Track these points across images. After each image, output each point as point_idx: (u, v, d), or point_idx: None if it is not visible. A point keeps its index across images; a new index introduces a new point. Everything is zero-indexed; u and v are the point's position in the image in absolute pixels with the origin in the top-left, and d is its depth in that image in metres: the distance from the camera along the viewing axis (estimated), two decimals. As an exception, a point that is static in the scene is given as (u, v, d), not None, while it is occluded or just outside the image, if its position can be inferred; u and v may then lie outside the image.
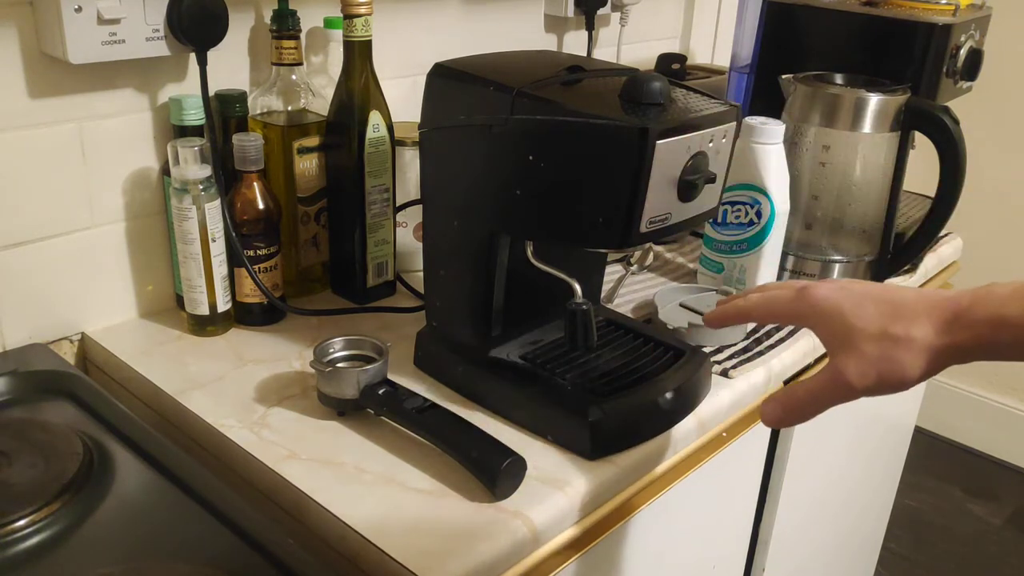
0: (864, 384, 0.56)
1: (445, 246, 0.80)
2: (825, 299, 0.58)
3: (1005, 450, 2.33)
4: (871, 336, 0.55)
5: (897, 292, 0.57)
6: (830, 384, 0.58)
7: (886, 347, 0.55)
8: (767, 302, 0.62)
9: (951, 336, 0.54)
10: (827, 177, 1.02)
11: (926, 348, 0.54)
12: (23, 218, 0.83)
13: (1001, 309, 0.52)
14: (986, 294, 0.54)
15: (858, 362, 0.56)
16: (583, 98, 0.70)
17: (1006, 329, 0.52)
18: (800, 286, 0.60)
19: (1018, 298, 0.52)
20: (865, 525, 1.47)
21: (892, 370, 0.55)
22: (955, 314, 0.54)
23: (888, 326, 0.55)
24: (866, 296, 0.57)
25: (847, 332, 0.56)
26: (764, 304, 0.62)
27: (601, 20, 1.37)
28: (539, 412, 0.76)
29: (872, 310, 0.56)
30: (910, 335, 0.54)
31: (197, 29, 0.83)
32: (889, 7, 1.10)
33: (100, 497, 0.66)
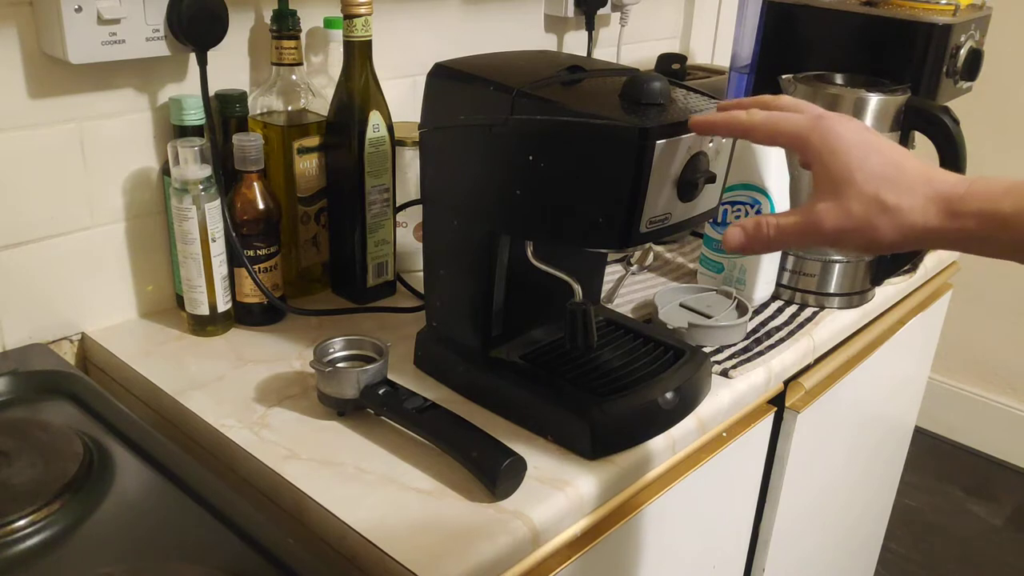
0: (836, 238, 0.55)
1: (445, 246, 0.80)
2: (839, 137, 0.55)
3: (1005, 450, 2.33)
4: (864, 195, 0.54)
5: (905, 159, 0.55)
6: (803, 226, 0.56)
7: (872, 210, 0.54)
8: (774, 122, 0.58)
9: (938, 220, 0.53)
10: (827, 177, 1.02)
11: (909, 225, 0.54)
12: (23, 218, 0.83)
13: (994, 204, 0.52)
14: (983, 187, 0.53)
15: (840, 215, 0.55)
16: (583, 98, 0.70)
17: (995, 224, 0.52)
18: (817, 113, 0.57)
19: (1013, 195, 0.52)
20: (865, 525, 1.47)
21: (867, 234, 0.54)
22: (949, 201, 0.53)
23: (883, 191, 0.54)
24: (878, 150, 0.55)
25: (844, 180, 0.55)
26: (770, 124, 0.58)
27: (601, 20, 1.37)
28: (539, 412, 0.76)
29: (877, 167, 0.54)
30: (899, 207, 0.54)
31: (197, 29, 0.83)
32: (889, 7, 1.10)
33: (100, 497, 0.66)
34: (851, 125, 0.56)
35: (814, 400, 0.99)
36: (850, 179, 0.54)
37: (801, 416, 0.98)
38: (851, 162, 0.55)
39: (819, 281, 1.02)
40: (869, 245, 0.55)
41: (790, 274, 1.03)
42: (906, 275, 1.14)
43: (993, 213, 0.52)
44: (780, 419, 0.98)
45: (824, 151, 0.56)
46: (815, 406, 0.99)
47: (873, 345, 1.12)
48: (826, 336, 0.99)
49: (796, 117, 0.58)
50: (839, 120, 0.57)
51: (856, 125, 0.57)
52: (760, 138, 0.60)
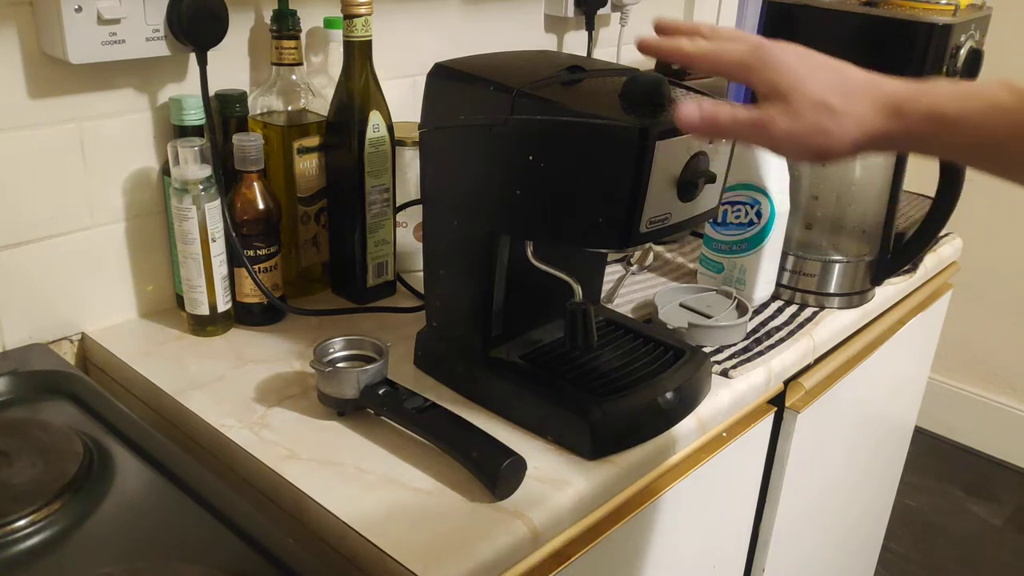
0: (787, 144, 0.56)
1: (445, 246, 0.80)
2: (780, 56, 0.57)
3: (1005, 450, 2.33)
4: (812, 101, 0.55)
5: (849, 70, 0.57)
6: (755, 126, 0.57)
7: (822, 115, 0.55)
8: (715, 53, 0.59)
9: (885, 122, 0.55)
10: (827, 177, 1.02)
11: (856, 127, 0.55)
12: (23, 218, 0.83)
13: (939, 105, 0.53)
14: (929, 89, 0.54)
15: (791, 120, 0.55)
16: (583, 98, 0.70)
17: (940, 125, 0.53)
18: (757, 42, 0.58)
19: (958, 97, 0.53)
20: (865, 525, 1.47)
21: (818, 139, 0.55)
22: (896, 102, 0.54)
23: (830, 96, 0.55)
24: (822, 66, 0.57)
25: (792, 88, 0.55)
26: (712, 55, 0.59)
27: (601, 20, 1.37)
28: (539, 412, 0.76)
29: (823, 78, 0.56)
30: (848, 111, 0.55)
31: (197, 29, 0.83)
32: (889, 7, 1.10)
33: (100, 497, 0.66)
34: (792, 48, 0.58)
35: (814, 400, 0.99)
36: (798, 90, 0.55)
37: (801, 416, 0.98)
38: (797, 76, 0.56)
39: (819, 281, 1.02)
40: (820, 151, 0.56)
41: (790, 274, 1.03)
42: (906, 275, 1.14)
43: (939, 114, 0.53)
44: (780, 419, 0.98)
45: (769, 72, 0.57)
46: (815, 406, 0.99)
47: (873, 345, 1.12)
48: (826, 336, 0.99)
49: (738, 47, 0.58)
50: (780, 45, 0.58)
51: (798, 48, 0.58)
52: (704, 67, 0.60)
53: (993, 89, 0.52)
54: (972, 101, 0.52)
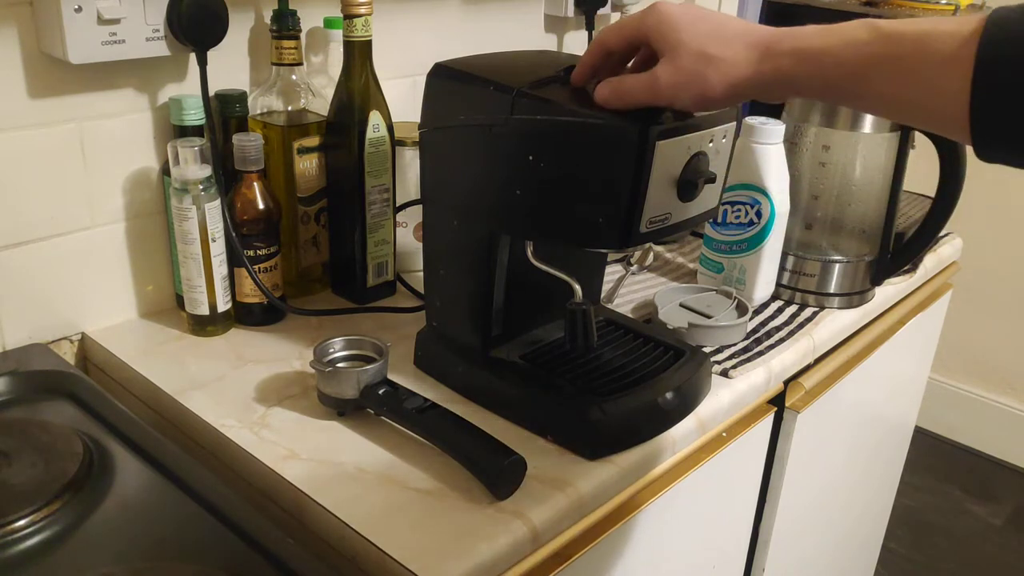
0: (672, 91, 0.61)
1: (445, 246, 0.80)
2: (667, 13, 0.62)
3: (1005, 450, 2.33)
4: (691, 52, 0.60)
5: (728, 20, 0.62)
6: (646, 85, 0.62)
7: (700, 63, 0.60)
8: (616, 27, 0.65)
9: (758, 64, 0.59)
10: (827, 177, 1.02)
11: (732, 72, 0.59)
12: (23, 218, 0.83)
13: (803, 43, 0.57)
14: (796, 30, 0.59)
15: (673, 72, 0.61)
16: (583, 98, 0.69)
17: (805, 62, 0.57)
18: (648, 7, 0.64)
19: (822, 34, 0.57)
20: (865, 525, 1.47)
21: (697, 84, 0.60)
22: (766, 46, 0.59)
23: (707, 46, 0.60)
24: (704, 19, 0.62)
25: (675, 43, 0.61)
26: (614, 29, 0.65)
27: (601, 20, 1.37)
28: (539, 412, 0.76)
29: (701, 28, 0.61)
30: (723, 57, 0.59)
31: (197, 29, 0.83)
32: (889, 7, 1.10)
33: (100, 497, 0.66)
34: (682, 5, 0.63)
35: (814, 400, 0.99)
36: (679, 44, 0.61)
37: (801, 416, 0.98)
38: (679, 32, 0.61)
39: (819, 281, 1.02)
40: (702, 98, 0.61)
41: (790, 274, 1.03)
42: (906, 275, 1.14)
43: (804, 50, 0.57)
44: (780, 419, 0.98)
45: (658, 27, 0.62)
46: (815, 406, 0.99)
47: (873, 345, 1.12)
48: (826, 336, 0.99)
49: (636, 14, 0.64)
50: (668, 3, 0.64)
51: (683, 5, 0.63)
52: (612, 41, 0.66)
53: (853, 26, 0.56)
54: (832, 37, 0.56)
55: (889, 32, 0.54)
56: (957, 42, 0.50)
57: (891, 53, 0.53)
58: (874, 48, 0.54)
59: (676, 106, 0.63)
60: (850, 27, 0.56)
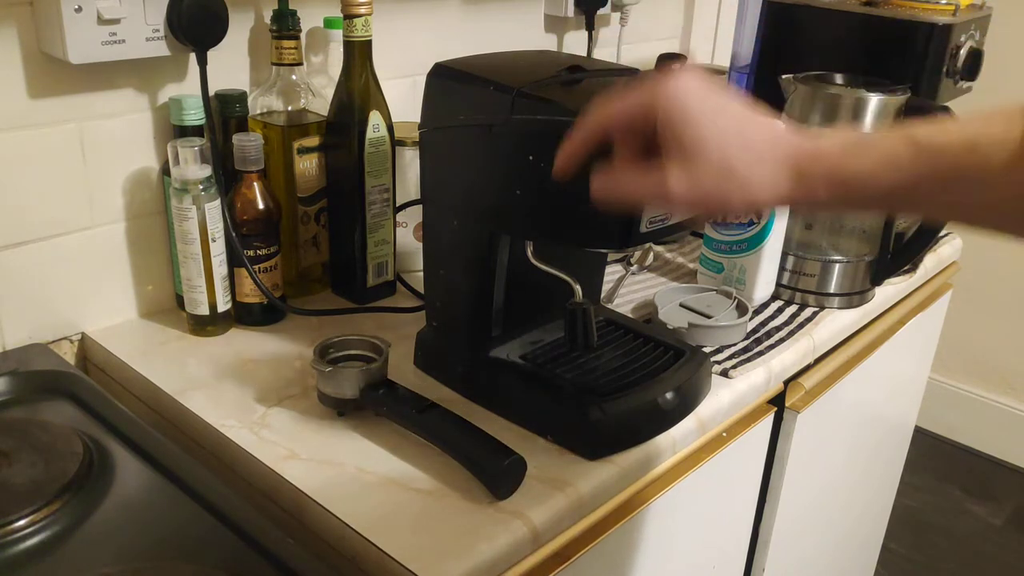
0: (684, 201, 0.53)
1: (445, 246, 0.80)
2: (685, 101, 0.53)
3: (1005, 450, 2.33)
4: (711, 162, 0.52)
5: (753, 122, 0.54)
6: (655, 190, 0.54)
7: (722, 179, 0.52)
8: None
9: (786, 188, 0.53)
10: (827, 177, 1.02)
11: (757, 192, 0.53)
12: (23, 218, 0.83)
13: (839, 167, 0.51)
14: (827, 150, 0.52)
15: (688, 183, 0.53)
16: (583, 98, 0.69)
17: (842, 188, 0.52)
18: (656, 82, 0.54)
19: (856, 155, 0.51)
20: (865, 525, 1.47)
21: (716, 205, 0.53)
22: (797, 166, 0.52)
23: (731, 157, 0.52)
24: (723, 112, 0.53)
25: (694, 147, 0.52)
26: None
27: (601, 20, 1.37)
28: (539, 412, 0.76)
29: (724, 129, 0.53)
30: (750, 175, 0.52)
31: (197, 29, 0.83)
32: (889, 7, 1.10)
33: (100, 497, 0.66)
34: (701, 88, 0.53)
35: (814, 400, 0.99)
36: (700, 143, 0.52)
37: (801, 416, 0.98)
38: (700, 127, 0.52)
39: (819, 281, 1.02)
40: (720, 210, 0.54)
41: (790, 274, 1.03)
42: (906, 275, 1.14)
43: (840, 175, 0.51)
44: (780, 419, 0.98)
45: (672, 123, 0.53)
46: (815, 406, 0.99)
47: (873, 345, 1.12)
48: (826, 336, 0.99)
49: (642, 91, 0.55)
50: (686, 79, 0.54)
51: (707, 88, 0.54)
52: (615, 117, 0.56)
53: (891, 142, 0.51)
54: (868, 158, 0.51)
55: (931, 147, 0.50)
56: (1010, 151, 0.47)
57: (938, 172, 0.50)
58: (918, 167, 0.50)
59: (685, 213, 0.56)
60: (886, 143, 0.51)
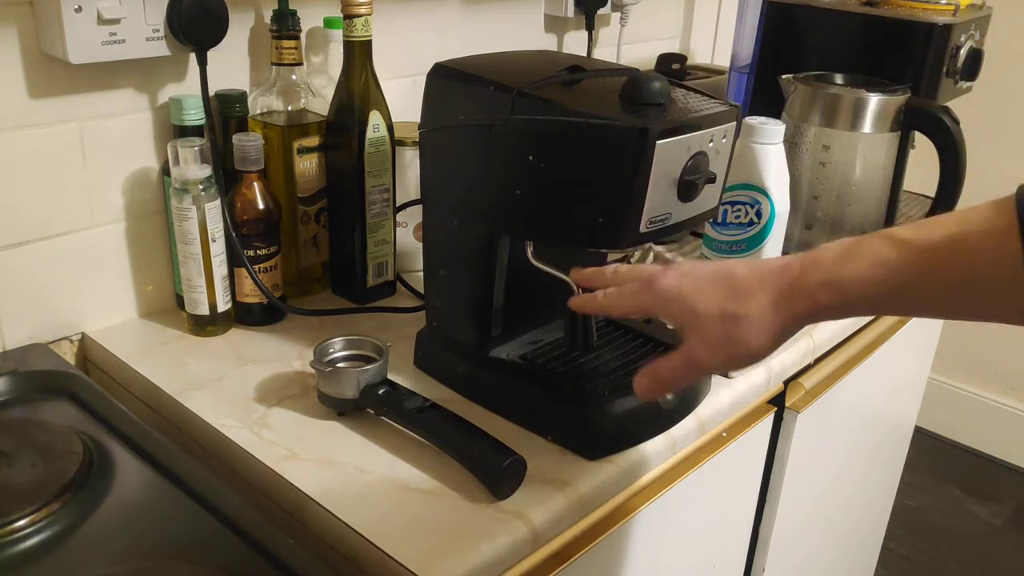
0: (714, 364, 0.59)
1: (445, 246, 0.80)
2: (667, 288, 0.60)
3: (1005, 450, 2.33)
4: (712, 318, 0.57)
5: (733, 269, 0.58)
6: (686, 365, 0.60)
7: (728, 327, 0.57)
8: (619, 299, 0.63)
9: (788, 306, 0.55)
10: (827, 177, 1.02)
11: (765, 321, 0.56)
12: (23, 218, 0.83)
13: (832, 274, 0.54)
14: (815, 259, 0.55)
15: (705, 345, 0.58)
16: (583, 98, 0.70)
17: (840, 293, 0.54)
18: (646, 277, 0.62)
19: (846, 261, 0.54)
20: (865, 525, 1.47)
21: (737, 348, 0.57)
22: (788, 284, 0.55)
23: (726, 306, 0.57)
24: (705, 279, 0.59)
25: (692, 317, 0.58)
26: (616, 301, 0.64)
27: (601, 20, 1.37)
28: (539, 412, 0.76)
29: (711, 291, 0.58)
30: (747, 312, 0.56)
31: (197, 29, 0.83)
32: (889, 7, 1.10)
33: (100, 497, 0.66)
34: (673, 273, 0.60)
35: (814, 400, 0.99)
36: (696, 315, 0.58)
37: (801, 416, 0.98)
38: (689, 303, 0.58)
39: (819, 281, 1.02)
40: (748, 356, 0.58)
41: (790, 274, 1.03)
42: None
43: (835, 282, 0.54)
44: (780, 419, 0.98)
45: (666, 307, 0.60)
46: (815, 406, 0.99)
47: (873, 345, 1.12)
48: (826, 336, 0.99)
49: (632, 288, 0.62)
50: (663, 274, 0.61)
51: (677, 270, 0.60)
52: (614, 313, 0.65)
53: (876, 245, 0.53)
54: (857, 262, 0.53)
55: (917, 244, 0.51)
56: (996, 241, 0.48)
57: (928, 267, 0.51)
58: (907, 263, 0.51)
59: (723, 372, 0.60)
60: (871, 246, 0.53)
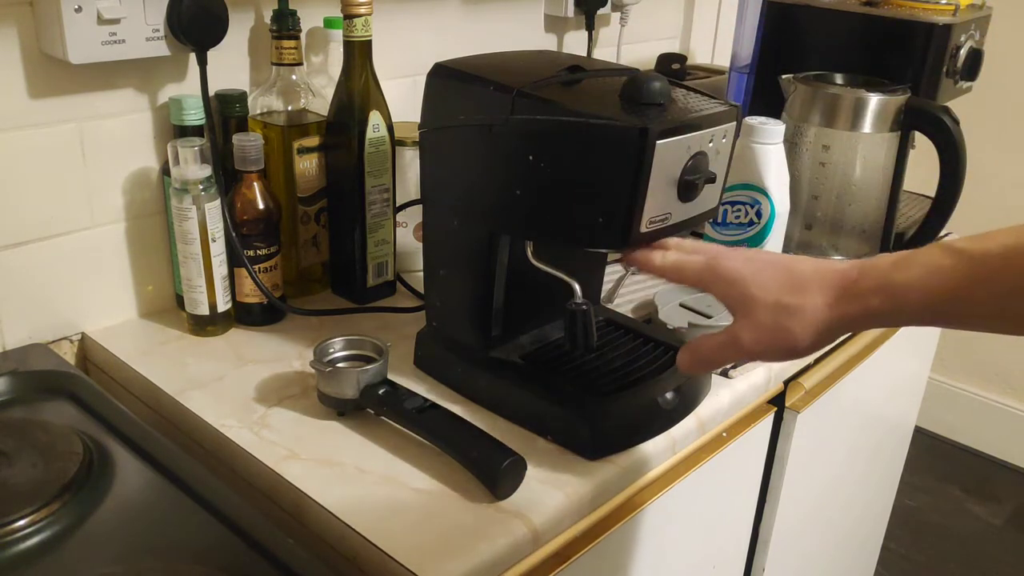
0: (757, 349, 0.60)
1: (445, 246, 0.80)
2: (730, 269, 0.61)
3: (1005, 450, 2.33)
4: (767, 305, 0.58)
5: (796, 263, 0.60)
6: (728, 346, 0.61)
7: (779, 316, 0.58)
8: (678, 267, 0.65)
9: (841, 307, 0.57)
10: (827, 177, 1.02)
11: (816, 319, 0.57)
12: (23, 218, 0.83)
13: (887, 279, 0.55)
14: (872, 265, 0.56)
15: (753, 329, 0.59)
16: (583, 98, 0.70)
17: (893, 298, 0.55)
18: (712, 254, 0.63)
19: (902, 267, 0.55)
20: (865, 525, 1.47)
21: (783, 338, 0.58)
22: (844, 286, 0.57)
23: (782, 296, 0.58)
24: (767, 265, 0.60)
25: (747, 300, 0.59)
26: (675, 268, 0.65)
27: (601, 20, 1.37)
28: (539, 412, 0.76)
29: (770, 279, 0.59)
30: (802, 305, 0.57)
31: (197, 29, 0.83)
32: (889, 7, 1.10)
33: (100, 497, 0.66)
34: (738, 256, 0.62)
35: (814, 400, 0.99)
36: (751, 298, 0.59)
37: (801, 416, 0.98)
38: (747, 286, 0.60)
39: (819, 281, 1.02)
40: (791, 350, 0.59)
41: (790, 274, 1.03)
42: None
43: (890, 287, 0.55)
44: (780, 419, 0.98)
45: (724, 287, 0.61)
46: (815, 406, 0.99)
47: (873, 345, 1.11)
48: (826, 336, 0.99)
49: (696, 259, 0.64)
50: (728, 255, 0.62)
51: (741, 254, 0.62)
52: (671, 278, 0.66)
53: (933, 253, 0.54)
54: (913, 269, 0.54)
55: (972, 253, 0.52)
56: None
57: (981, 276, 0.52)
58: (962, 272, 0.52)
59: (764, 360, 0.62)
60: (927, 254, 0.54)
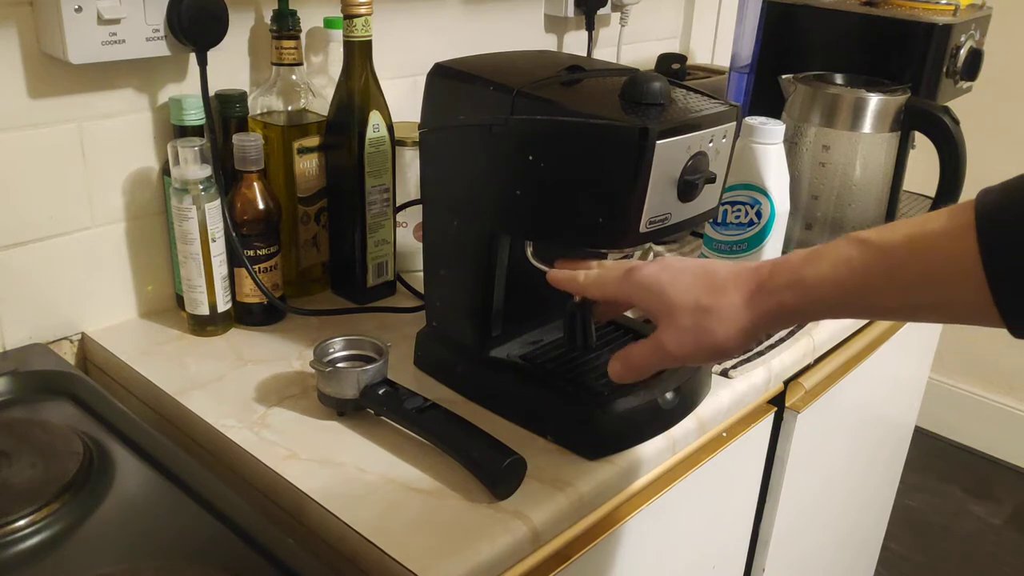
0: (682, 353, 0.60)
1: (445, 246, 0.80)
2: (646, 276, 0.62)
3: (1005, 450, 2.33)
4: (686, 308, 0.59)
5: (712, 266, 0.61)
6: (655, 352, 0.62)
7: (699, 318, 0.59)
8: (599, 282, 0.66)
9: (756, 304, 0.57)
10: (827, 177, 1.02)
11: (735, 317, 0.58)
12: (23, 218, 0.83)
13: (797, 274, 0.56)
14: (784, 261, 0.57)
15: (675, 333, 0.60)
16: (583, 98, 0.70)
17: (804, 292, 0.55)
18: (628, 267, 0.64)
19: (812, 261, 0.55)
20: (865, 525, 1.47)
21: (705, 339, 0.59)
22: (758, 284, 0.57)
23: (701, 298, 0.59)
24: (684, 270, 0.61)
25: (666, 305, 0.60)
26: (596, 283, 0.66)
27: (601, 20, 1.37)
28: (539, 412, 0.76)
29: (688, 283, 0.60)
30: (719, 305, 0.58)
31: (197, 29, 0.83)
32: (889, 7, 1.10)
33: (100, 497, 0.66)
34: (653, 266, 0.63)
35: (814, 400, 0.99)
36: (671, 304, 0.60)
37: (801, 416, 0.98)
38: (665, 292, 0.60)
39: (819, 281, 1.02)
40: (716, 350, 0.59)
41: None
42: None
43: (800, 281, 0.56)
44: (780, 419, 0.98)
45: (643, 295, 0.62)
46: (815, 406, 0.99)
47: (873, 345, 1.12)
48: (826, 336, 0.99)
49: (612, 275, 0.65)
50: (642, 267, 0.63)
51: (657, 263, 0.63)
52: (593, 294, 0.67)
53: (840, 245, 0.55)
54: (822, 262, 0.55)
55: (878, 243, 0.53)
56: (952, 240, 0.50)
57: (888, 265, 0.52)
58: (868, 262, 0.53)
59: (691, 363, 0.62)
60: (835, 248, 0.55)
